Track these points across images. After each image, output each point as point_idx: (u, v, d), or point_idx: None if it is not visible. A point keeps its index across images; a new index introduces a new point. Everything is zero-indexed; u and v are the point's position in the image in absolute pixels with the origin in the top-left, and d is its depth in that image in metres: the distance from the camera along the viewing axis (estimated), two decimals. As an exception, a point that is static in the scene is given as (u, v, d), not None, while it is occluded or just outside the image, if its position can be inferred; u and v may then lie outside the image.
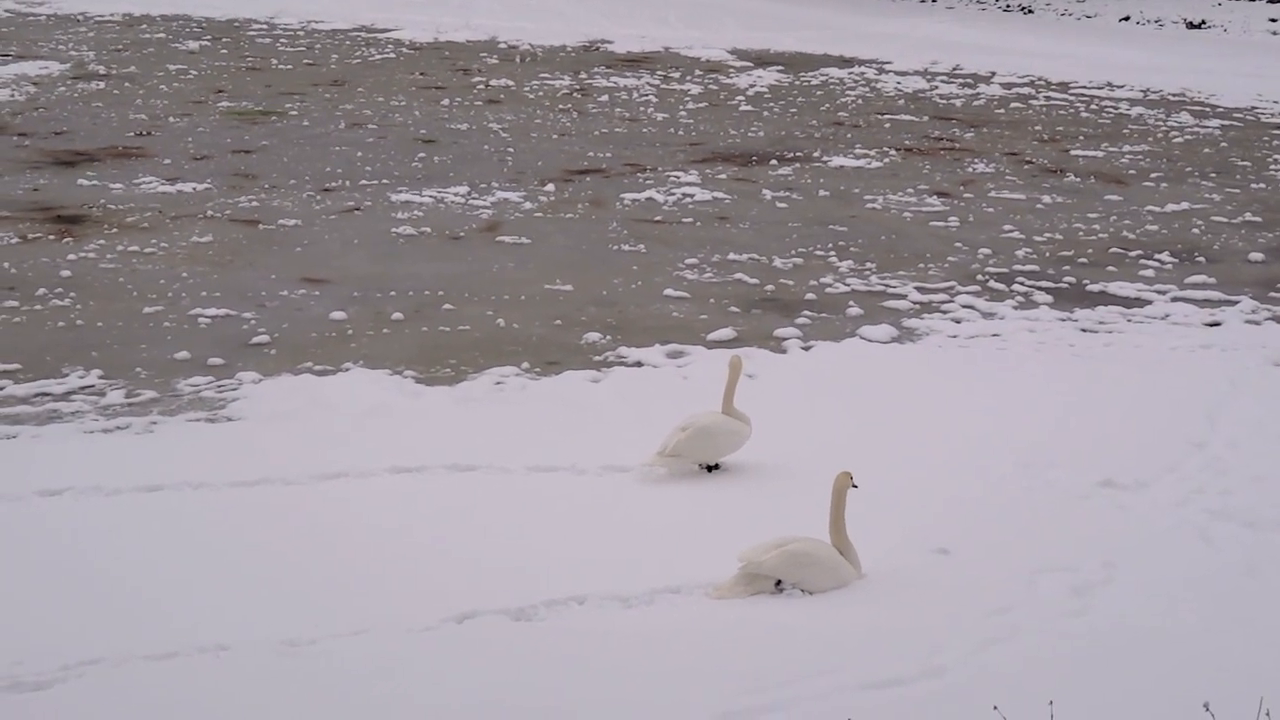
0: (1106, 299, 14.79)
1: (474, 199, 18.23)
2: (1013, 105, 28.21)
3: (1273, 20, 46.88)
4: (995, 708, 5.79)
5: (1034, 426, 10.98)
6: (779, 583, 8.18)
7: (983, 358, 12.74)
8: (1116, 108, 28.39)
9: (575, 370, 12.04)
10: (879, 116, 26.26)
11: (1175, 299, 14.82)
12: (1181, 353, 13.04)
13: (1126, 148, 23.86)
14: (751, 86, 29.35)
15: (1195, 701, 5.65)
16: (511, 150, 21.60)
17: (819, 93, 28.96)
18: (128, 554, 8.44)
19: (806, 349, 12.80)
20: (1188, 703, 6.68)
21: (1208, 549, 8.95)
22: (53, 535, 8.68)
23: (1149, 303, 14.67)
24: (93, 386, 11.33)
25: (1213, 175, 21.68)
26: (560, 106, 26.01)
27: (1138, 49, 38.66)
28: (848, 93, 29.10)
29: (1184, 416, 11.28)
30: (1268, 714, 6.14)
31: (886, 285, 14.96)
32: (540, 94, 27.36)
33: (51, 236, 15.64)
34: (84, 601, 7.84)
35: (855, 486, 8.41)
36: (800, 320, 13.62)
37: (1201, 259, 16.57)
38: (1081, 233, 17.62)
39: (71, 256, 14.83)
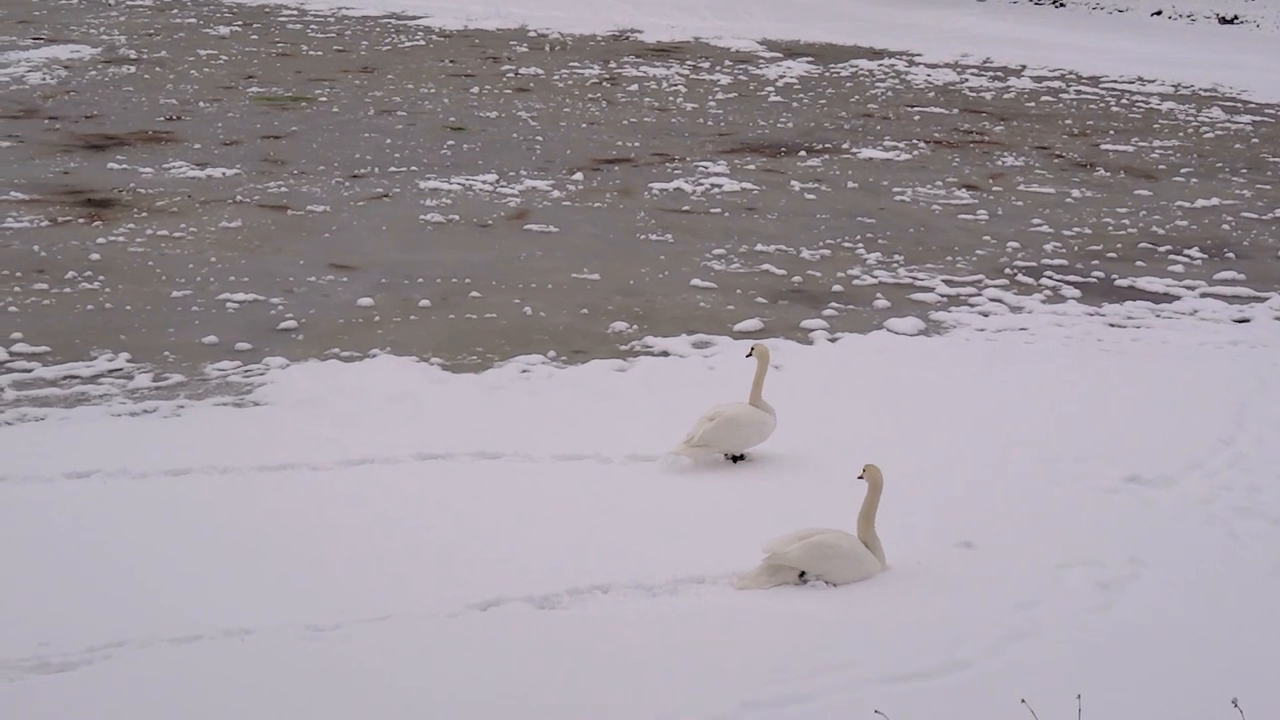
0: (1135, 294, 14.73)
1: (502, 187, 18.24)
2: (1043, 99, 28.11)
3: (1306, 16, 46.58)
4: (1023, 700, 5.77)
5: (1060, 421, 10.95)
6: (803, 574, 8.17)
7: (1010, 351, 12.71)
8: (1147, 102, 28.27)
9: (601, 359, 12.04)
10: (908, 109, 26.19)
11: (1204, 295, 14.76)
12: (1210, 349, 12.99)
13: (1157, 142, 23.77)
14: (781, 77, 29.30)
15: (1221, 698, 5.64)
16: (540, 139, 21.60)
17: (848, 84, 28.89)
18: (154, 537, 8.47)
19: (833, 341, 12.78)
20: (1213, 699, 6.66)
21: (1234, 546, 8.93)
22: (79, 517, 8.71)
23: (1178, 298, 14.62)
24: (121, 370, 11.38)
25: (1243, 171, 21.58)
26: (589, 95, 26.00)
27: (1169, 43, 38.49)
28: (877, 84, 29.03)
29: (1212, 413, 11.23)
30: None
31: (914, 278, 14.93)
32: (569, 83, 27.35)
33: (81, 220, 15.70)
34: (110, 584, 7.88)
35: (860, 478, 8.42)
36: (827, 312, 13.60)
37: (1231, 255, 16.50)
38: (1111, 227, 17.56)
39: (101, 240, 14.89)
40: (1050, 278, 15.12)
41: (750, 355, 10.18)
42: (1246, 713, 5.27)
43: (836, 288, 14.47)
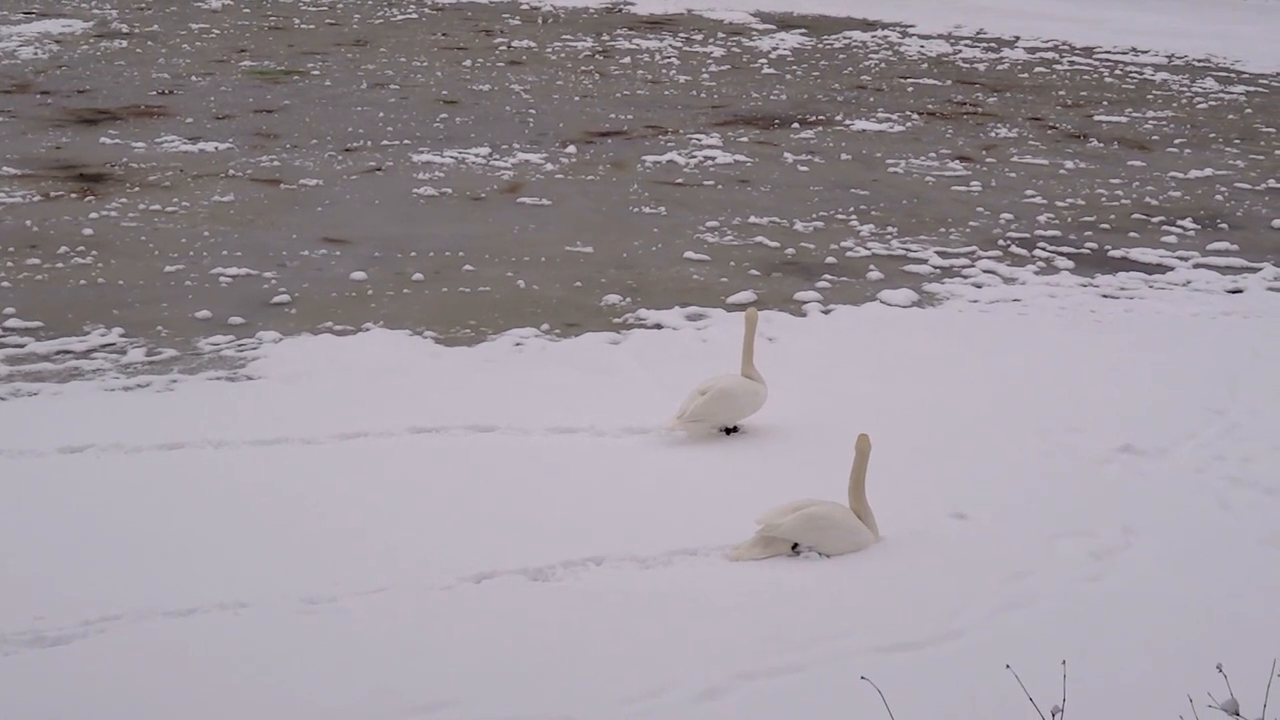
0: (1128, 265, 14.73)
1: (495, 160, 18.22)
2: (1036, 70, 28.08)
3: (1300, -14, 46.47)
4: (1008, 666, 5.78)
5: (1053, 392, 10.95)
6: (796, 545, 8.19)
7: (1003, 323, 12.71)
8: (1141, 73, 28.23)
9: (595, 332, 12.04)
10: (902, 80, 26.15)
11: (1197, 265, 14.76)
12: (1203, 319, 13.00)
13: (1150, 113, 23.75)
14: (774, 49, 29.25)
15: (1211, 666, 5.65)
16: (533, 112, 21.57)
17: (842, 56, 28.85)
18: (148, 511, 8.48)
19: (826, 312, 12.78)
20: (1204, 667, 6.67)
21: (1227, 515, 8.94)
22: (74, 492, 8.72)
23: (1171, 269, 14.62)
24: (114, 344, 11.37)
25: (1237, 141, 21.57)
26: (582, 68, 25.95)
27: (1163, 14, 38.44)
28: (870, 56, 28.98)
29: (1205, 383, 11.24)
30: (1283, 679, 6.13)
31: (907, 249, 14.93)
32: (562, 55, 27.30)
33: (74, 195, 15.68)
34: (104, 558, 7.88)
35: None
36: (820, 284, 13.60)
37: (1224, 225, 16.49)
38: (1104, 198, 17.55)
39: (93, 215, 14.87)
40: (1043, 249, 15.12)
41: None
42: (1232, 679, 5.28)
43: (830, 260, 14.46)
